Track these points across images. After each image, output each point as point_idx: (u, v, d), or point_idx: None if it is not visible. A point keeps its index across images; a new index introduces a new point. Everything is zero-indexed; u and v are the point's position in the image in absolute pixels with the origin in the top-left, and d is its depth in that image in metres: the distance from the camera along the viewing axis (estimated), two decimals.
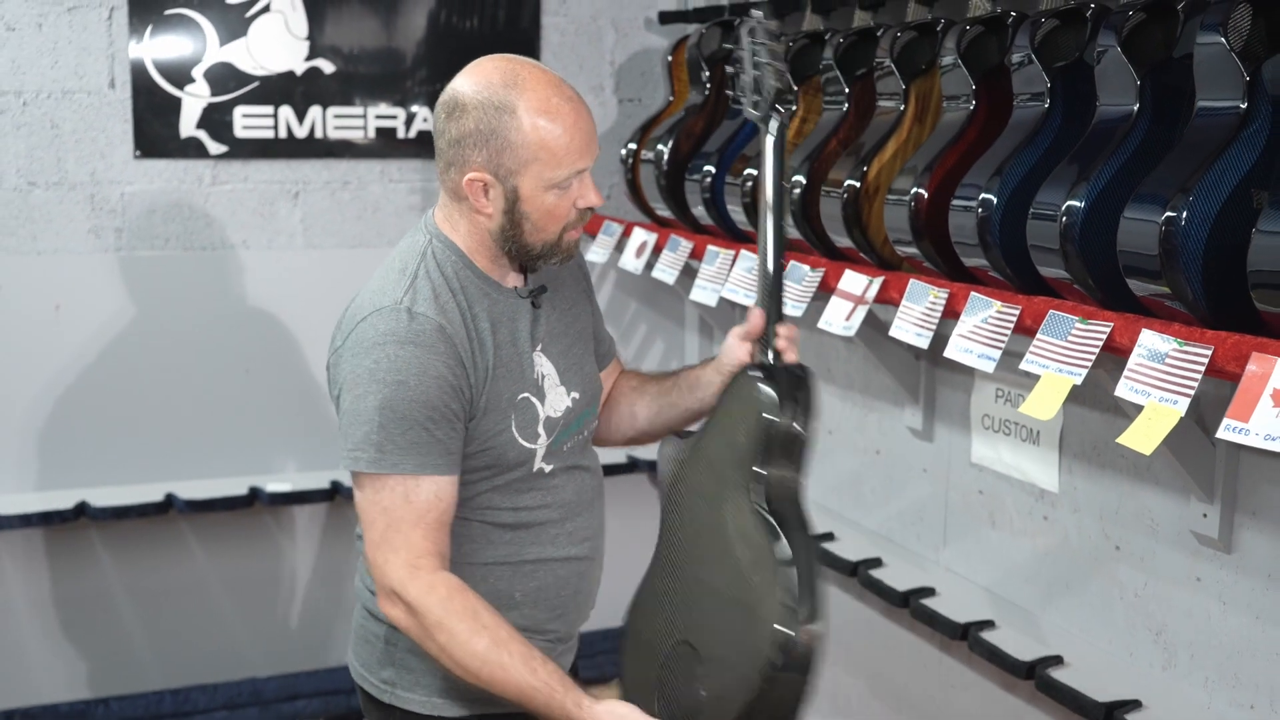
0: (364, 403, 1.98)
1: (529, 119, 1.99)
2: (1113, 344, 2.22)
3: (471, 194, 2.04)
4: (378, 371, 1.97)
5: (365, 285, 2.10)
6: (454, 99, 2.03)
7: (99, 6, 3.66)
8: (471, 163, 2.01)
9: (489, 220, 2.06)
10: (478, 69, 2.04)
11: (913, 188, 2.63)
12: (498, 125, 1.99)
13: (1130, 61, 2.26)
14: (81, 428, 3.76)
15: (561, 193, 2.05)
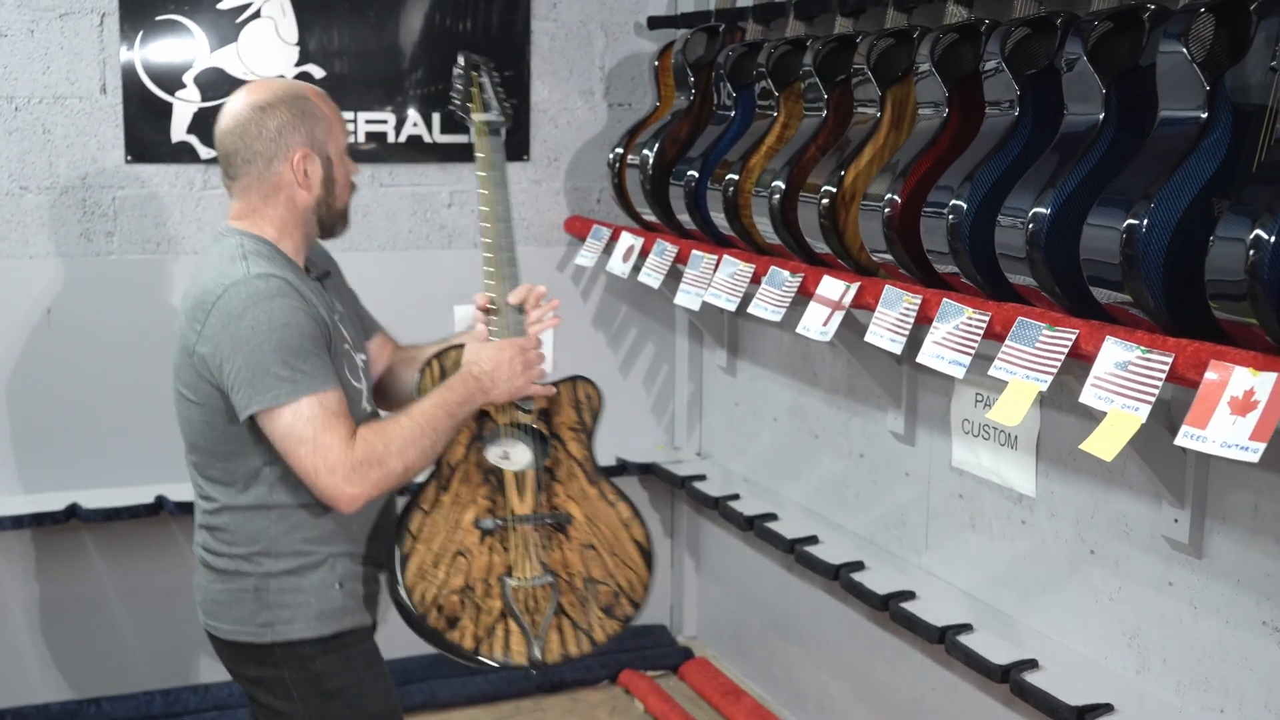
0: (260, 354, 2.26)
1: (318, 101, 2.44)
2: (1079, 351, 2.24)
3: (297, 174, 2.39)
4: (259, 326, 2.26)
5: (190, 286, 2.38)
6: (253, 107, 2.39)
7: (91, 13, 3.69)
8: (294, 145, 2.38)
9: (308, 195, 2.42)
10: (254, 88, 2.44)
11: (886, 194, 2.65)
12: (304, 108, 2.40)
13: (1097, 70, 2.27)
14: (72, 430, 3.79)
15: (346, 162, 2.49)
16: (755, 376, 4.03)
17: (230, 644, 2.46)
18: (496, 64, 4.02)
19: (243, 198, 2.42)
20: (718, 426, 4.28)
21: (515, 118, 4.11)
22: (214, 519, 2.43)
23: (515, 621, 2.53)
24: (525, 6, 4.10)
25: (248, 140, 2.38)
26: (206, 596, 2.47)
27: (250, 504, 2.39)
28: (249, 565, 2.41)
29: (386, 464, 2.32)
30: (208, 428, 2.37)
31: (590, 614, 2.61)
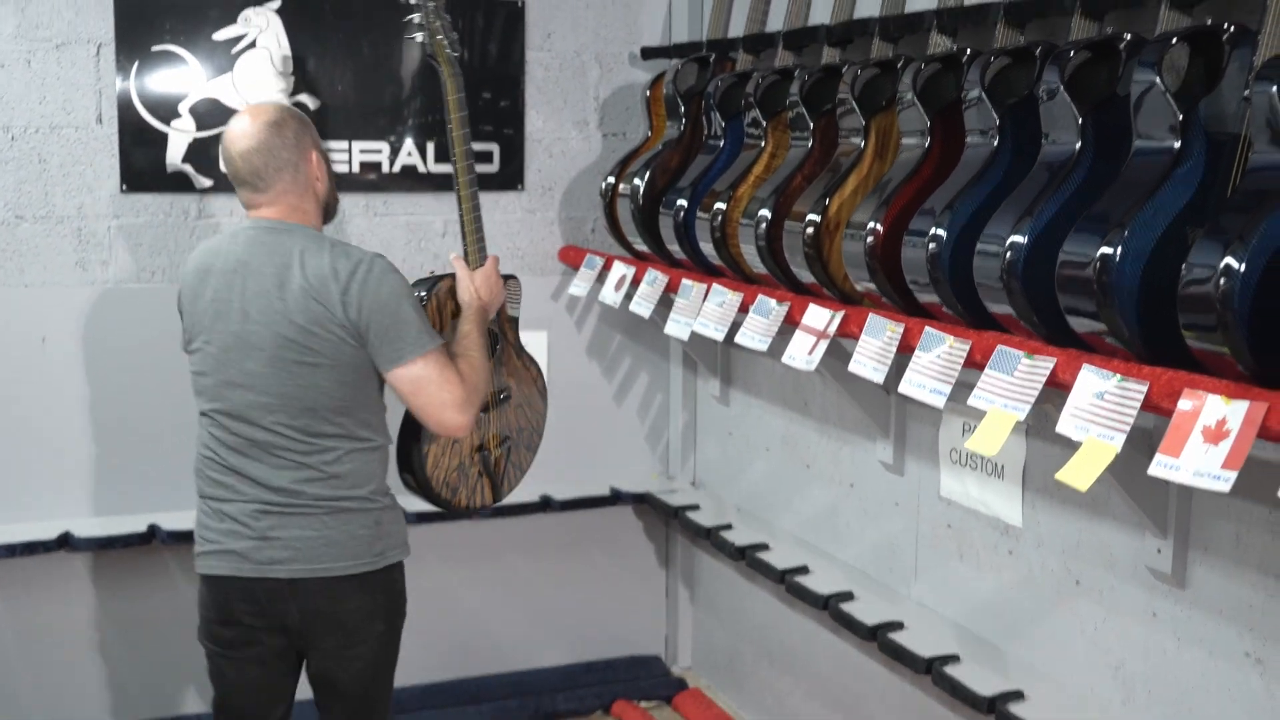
0: (402, 315, 2.71)
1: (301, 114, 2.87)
2: (1057, 379, 2.24)
3: (319, 171, 2.81)
4: (397, 293, 2.72)
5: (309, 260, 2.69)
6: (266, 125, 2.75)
7: (87, 44, 3.72)
8: (308, 148, 2.79)
9: (322, 188, 2.83)
10: (255, 112, 2.80)
11: (869, 223, 2.66)
12: (300, 119, 2.82)
13: (1074, 99, 2.28)
14: (66, 459, 3.80)
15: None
16: (748, 406, 4.03)
17: (339, 580, 2.74)
18: (492, 94, 4.11)
19: (280, 201, 2.76)
20: (711, 456, 4.27)
21: (510, 148, 4.15)
22: (335, 467, 2.73)
23: (489, 478, 3.18)
24: (520, 37, 4.12)
25: (274, 153, 2.73)
26: (316, 543, 2.73)
27: (366, 447, 2.78)
28: (369, 502, 2.78)
29: (479, 390, 2.82)
30: (340, 386, 2.71)
31: (522, 454, 3.30)
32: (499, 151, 4.14)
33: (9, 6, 3.64)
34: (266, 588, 2.73)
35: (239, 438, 2.73)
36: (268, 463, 2.72)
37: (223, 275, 2.73)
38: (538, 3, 4.14)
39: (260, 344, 2.68)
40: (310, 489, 2.73)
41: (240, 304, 2.70)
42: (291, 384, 2.69)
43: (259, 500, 2.73)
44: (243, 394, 2.71)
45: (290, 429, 2.71)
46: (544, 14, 4.15)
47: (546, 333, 4.24)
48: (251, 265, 2.70)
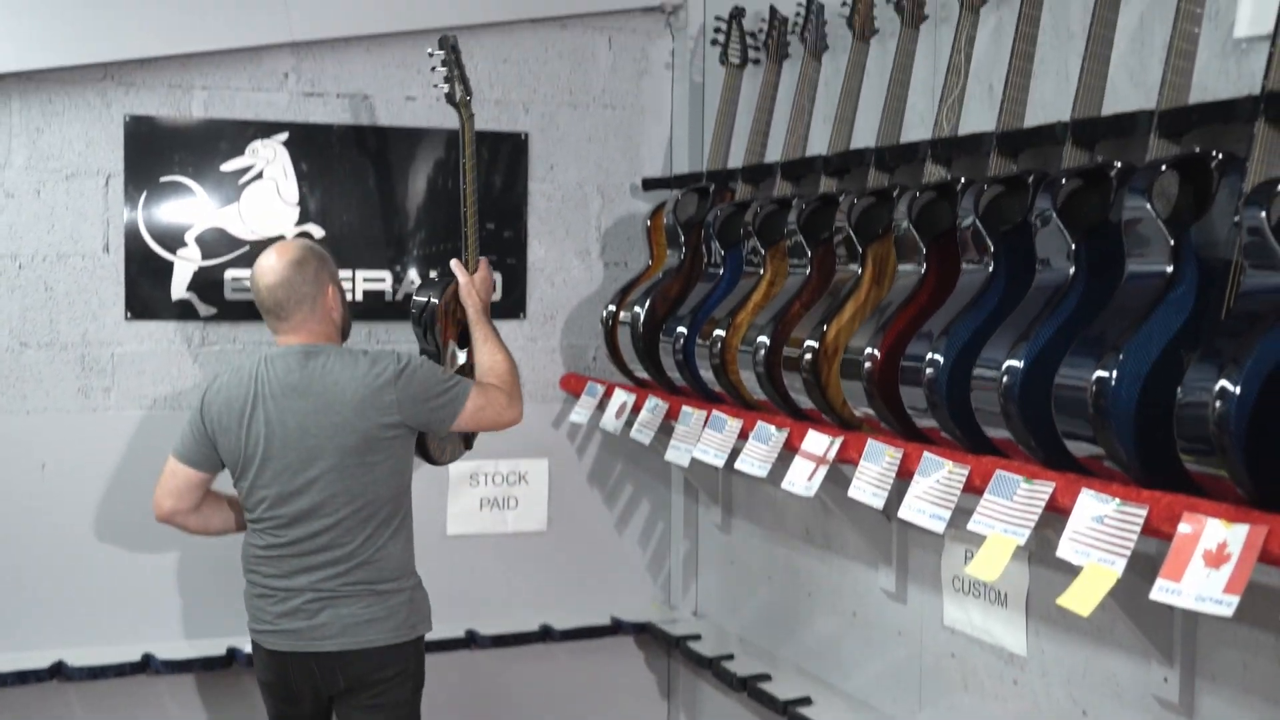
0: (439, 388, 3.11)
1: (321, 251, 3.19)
2: (1056, 504, 2.23)
3: (334, 302, 3.15)
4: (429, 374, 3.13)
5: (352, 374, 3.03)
6: (290, 264, 3.08)
7: (97, 174, 3.78)
8: (326, 283, 3.13)
9: (337, 316, 3.17)
10: (281, 248, 3.16)
11: (866, 349, 2.67)
12: (320, 257, 3.15)
13: (1066, 226, 2.31)
14: (62, 586, 3.77)
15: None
16: (750, 534, 4.00)
17: (389, 649, 3.07)
18: (495, 225, 4.16)
19: (303, 327, 3.10)
20: (713, 585, 4.23)
21: (513, 277, 4.19)
22: (380, 554, 3.08)
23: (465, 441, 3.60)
24: (524, 169, 4.19)
25: (295, 288, 3.06)
26: (358, 621, 3.05)
27: (403, 528, 3.14)
28: (405, 582, 3.12)
29: (512, 378, 3.28)
30: (394, 476, 3.09)
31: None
32: (502, 280, 4.18)
33: (21, 139, 3.71)
34: (319, 660, 3.06)
35: (297, 540, 3.04)
36: (322, 558, 3.04)
37: (274, 399, 3.03)
38: (541, 135, 4.21)
39: (322, 455, 3.01)
40: (358, 574, 3.05)
41: (297, 422, 3.01)
42: (355, 484, 3.03)
43: (312, 589, 3.04)
44: (303, 501, 3.02)
45: (345, 527, 3.04)
46: (547, 146, 4.22)
47: (548, 460, 4.24)
48: (300, 387, 3.02)
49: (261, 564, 3.09)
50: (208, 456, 3.11)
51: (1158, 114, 2.26)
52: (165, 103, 3.84)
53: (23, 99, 3.71)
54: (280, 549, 3.06)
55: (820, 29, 3.44)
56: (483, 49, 4.13)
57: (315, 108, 3.98)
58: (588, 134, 4.26)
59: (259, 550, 3.09)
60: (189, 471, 3.13)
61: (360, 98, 4.02)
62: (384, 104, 4.05)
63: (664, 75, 4.32)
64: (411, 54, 4.05)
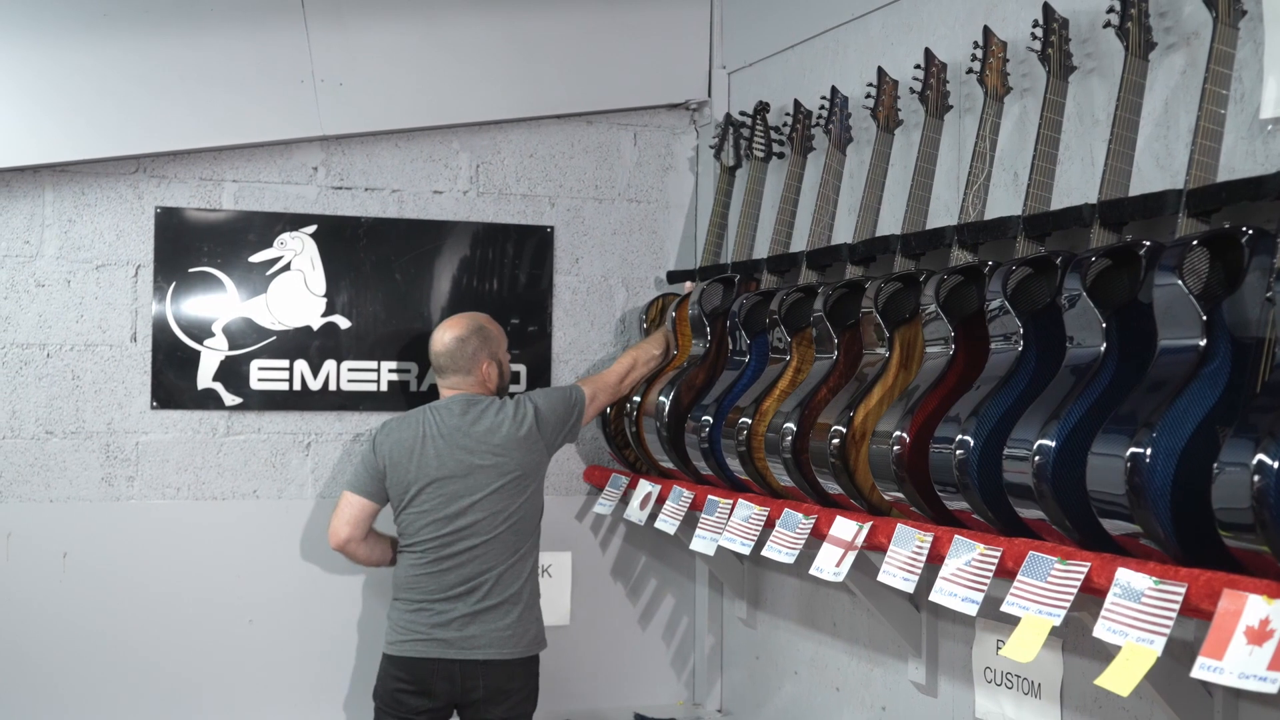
0: (558, 397, 3.71)
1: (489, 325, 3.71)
2: (1091, 584, 2.19)
3: (489, 373, 3.65)
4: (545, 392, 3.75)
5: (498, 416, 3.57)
6: (454, 338, 3.62)
7: (126, 265, 3.82)
8: (484, 360, 3.64)
9: (492, 383, 3.67)
10: (452, 321, 3.68)
11: (895, 431, 2.65)
12: (485, 337, 3.65)
13: (1096, 304, 2.30)
14: (85, 677, 3.74)
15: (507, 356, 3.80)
16: (776, 628, 3.95)
17: (520, 661, 3.51)
18: (520, 318, 4.18)
19: (463, 384, 3.63)
20: (739, 680, 4.17)
21: (537, 367, 4.19)
22: (519, 574, 3.54)
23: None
24: (550, 262, 4.22)
25: (454, 359, 3.60)
26: (504, 634, 3.48)
27: (532, 556, 3.60)
28: (535, 600, 3.59)
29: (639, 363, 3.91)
30: (533, 501, 3.60)
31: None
32: (526, 373, 4.19)
33: (54, 229, 3.76)
34: (464, 668, 3.45)
35: (455, 555, 3.47)
36: (475, 574, 3.47)
37: (441, 437, 3.52)
38: (567, 229, 4.25)
39: (480, 483, 3.49)
40: (504, 591, 3.49)
41: (460, 456, 3.50)
42: (512, 507, 3.51)
43: (465, 603, 3.46)
44: (462, 522, 3.47)
45: (495, 547, 3.48)
46: (572, 240, 4.25)
47: (571, 553, 4.20)
48: (462, 427, 3.53)
49: (420, 581, 3.49)
50: (379, 489, 3.54)
51: (1186, 192, 2.27)
52: (196, 195, 3.89)
53: (56, 190, 3.76)
54: (440, 565, 3.47)
55: (844, 121, 3.48)
56: (510, 144, 4.18)
57: (343, 201, 4.03)
58: (613, 227, 4.30)
59: (419, 570, 3.49)
60: (363, 502, 3.55)
61: (388, 191, 4.07)
62: (411, 197, 4.09)
63: (688, 170, 4.37)
64: (439, 149, 4.11)
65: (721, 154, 4.02)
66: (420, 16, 4.03)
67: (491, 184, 4.17)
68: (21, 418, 3.73)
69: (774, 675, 3.96)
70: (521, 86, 4.16)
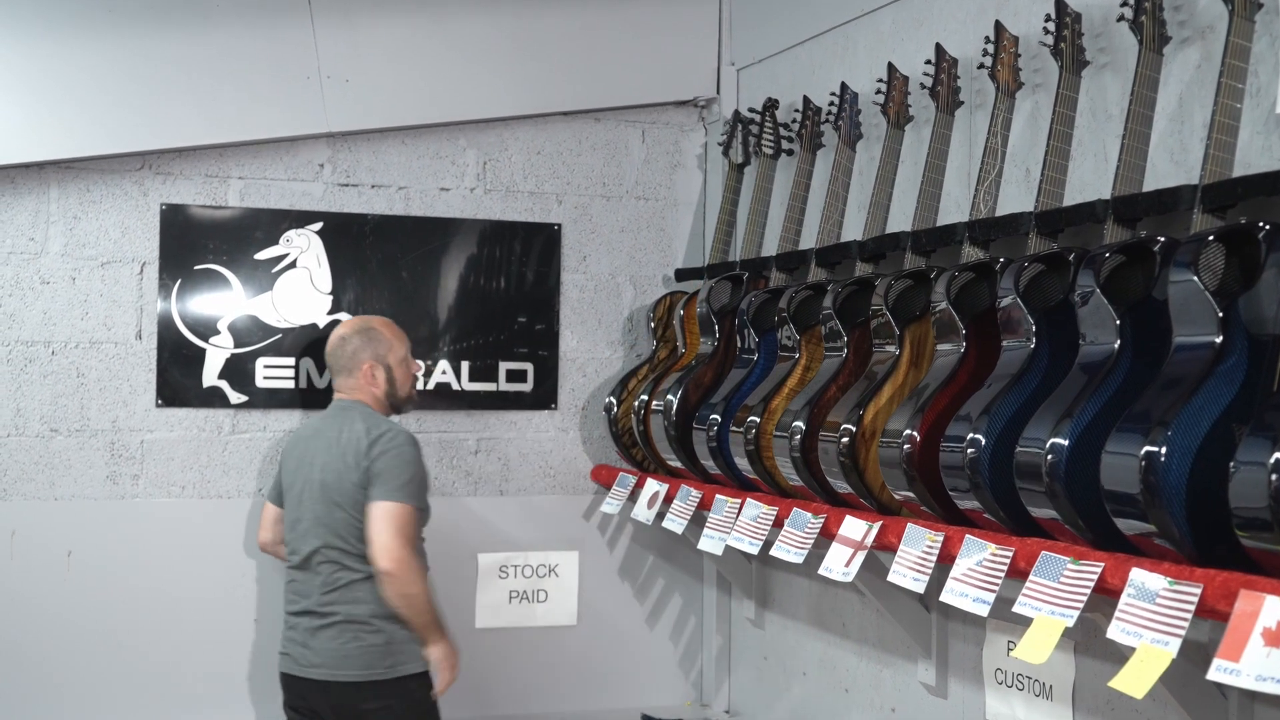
0: (407, 470, 3.37)
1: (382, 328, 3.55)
2: (1104, 585, 2.16)
3: (371, 377, 3.48)
4: (408, 452, 3.39)
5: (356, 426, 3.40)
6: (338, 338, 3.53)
7: (132, 262, 3.80)
8: (364, 361, 3.47)
9: (379, 390, 3.49)
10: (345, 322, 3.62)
11: (905, 430, 2.62)
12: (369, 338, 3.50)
13: (1110, 301, 2.27)
14: (89, 676, 3.73)
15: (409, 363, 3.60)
16: (784, 628, 3.92)
17: (357, 685, 3.33)
18: (528, 317, 4.15)
19: (344, 386, 3.51)
20: (746, 681, 4.14)
21: (544, 368, 4.17)
22: (355, 593, 3.36)
23: None
24: (557, 260, 4.19)
25: (337, 359, 3.50)
26: (337, 654, 3.34)
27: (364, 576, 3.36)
28: (383, 624, 3.35)
29: (421, 598, 3.40)
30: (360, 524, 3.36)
31: None
32: (533, 371, 4.16)
33: (58, 226, 3.74)
34: (306, 686, 3.39)
35: (298, 567, 3.42)
36: (313, 584, 3.38)
37: (308, 440, 3.46)
38: (574, 226, 4.22)
39: (319, 493, 3.38)
40: (340, 609, 3.35)
41: (314, 460, 3.40)
42: (334, 524, 3.35)
43: (307, 613, 3.38)
44: (304, 529, 3.39)
45: (327, 558, 3.36)
46: (580, 238, 4.23)
47: (578, 553, 4.18)
48: (323, 431, 3.44)
49: (285, 589, 3.48)
50: (279, 494, 3.54)
51: (1201, 188, 2.23)
52: (201, 192, 3.87)
53: (61, 187, 3.74)
54: (291, 576, 3.46)
55: (854, 117, 3.45)
56: (517, 141, 4.16)
57: (350, 198, 4.01)
58: (620, 225, 4.27)
59: (286, 576, 3.49)
60: (270, 508, 3.57)
61: (394, 188, 4.05)
62: (418, 195, 4.07)
63: (696, 167, 4.34)
64: (445, 146, 4.09)
65: (730, 151, 3.99)
66: (427, 12, 4.00)
67: (499, 181, 4.15)
68: (26, 415, 3.71)
69: (782, 676, 3.93)
70: (529, 83, 4.14)
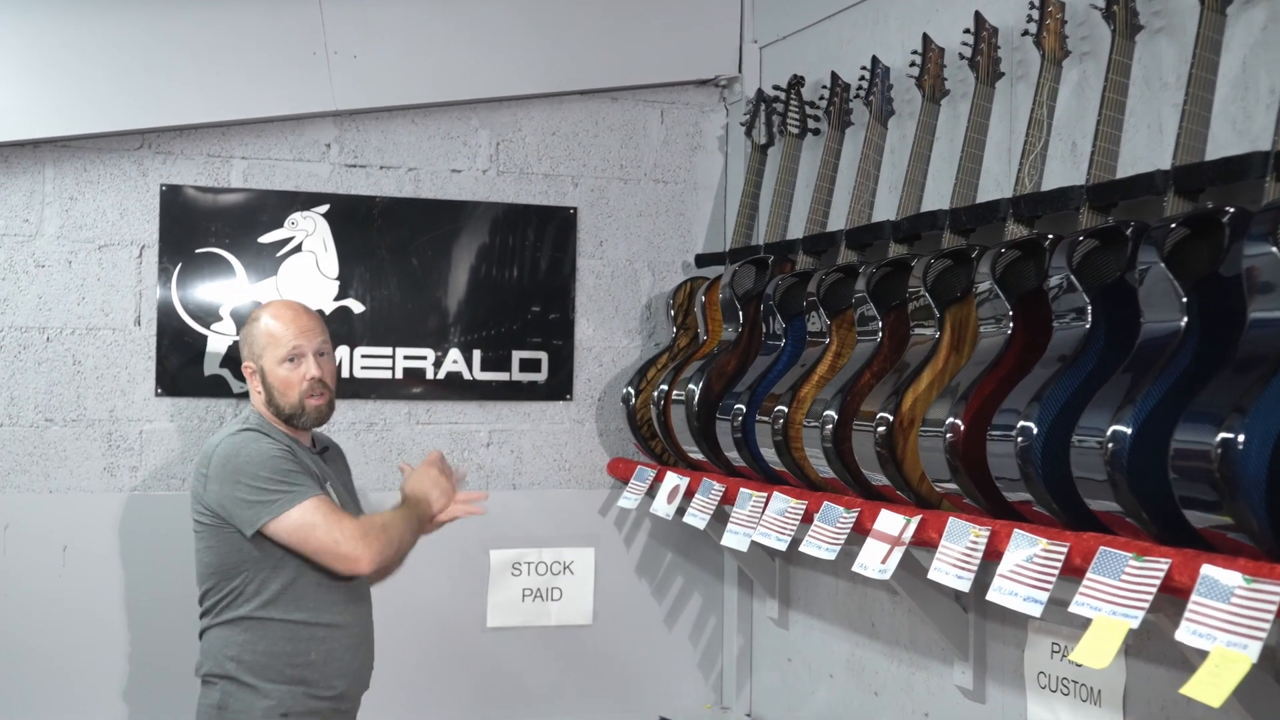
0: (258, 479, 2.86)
1: (265, 320, 3.04)
2: (1171, 583, 2.00)
3: (246, 372, 3.06)
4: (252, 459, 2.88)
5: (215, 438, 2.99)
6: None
7: (130, 245, 3.65)
8: (243, 357, 3.06)
9: (251, 389, 3.05)
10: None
11: (948, 418, 2.46)
12: (248, 333, 3.06)
13: (1175, 277, 2.10)
14: (85, 674, 3.58)
15: (292, 365, 2.99)
16: (809, 629, 3.76)
17: None
18: (543, 305, 3.99)
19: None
20: (769, 684, 3.98)
21: (559, 357, 4.01)
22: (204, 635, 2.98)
23: None
24: (572, 245, 4.03)
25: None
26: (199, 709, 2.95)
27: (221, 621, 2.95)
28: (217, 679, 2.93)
29: (388, 531, 2.90)
30: (209, 554, 2.93)
31: None
32: (547, 360, 4.00)
33: (54, 207, 3.59)
34: None
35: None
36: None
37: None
38: (590, 210, 4.06)
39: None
40: (200, 653, 2.98)
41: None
42: (203, 554, 2.98)
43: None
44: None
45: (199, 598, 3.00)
46: (596, 222, 4.07)
47: (594, 550, 4.02)
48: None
49: None
50: None
51: (1274, 154, 2.07)
52: (203, 172, 3.72)
53: (57, 166, 3.59)
54: None
55: (886, 93, 3.29)
56: (531, 121, 4.00)
57: (357, 179, 3.85)
58: (638, 209, 4.11)
59: None
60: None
61: (404, 170, 3.89)
62: (428, 176, 3.91)
63: (717, 149, 4.18)
64: (457, 125, 3.93)
65: (753, 131, 3.83)
66: None
67: (512, 163, 3.99)
68: (20, 404, 3.56)
69: (807, 678, 3.77)
70: (544, 60, 3.97)
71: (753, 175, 3.82)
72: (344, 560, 2.85)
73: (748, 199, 3.81)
